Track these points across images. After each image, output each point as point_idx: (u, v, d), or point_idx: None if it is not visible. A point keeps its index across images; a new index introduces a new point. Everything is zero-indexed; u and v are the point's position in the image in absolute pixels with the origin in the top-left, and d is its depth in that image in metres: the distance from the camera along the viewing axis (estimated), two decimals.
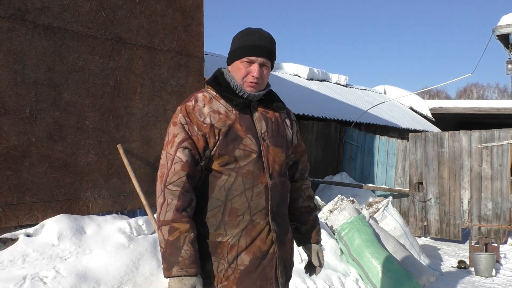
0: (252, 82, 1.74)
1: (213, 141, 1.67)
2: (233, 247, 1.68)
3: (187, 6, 4.45)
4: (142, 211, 3.95)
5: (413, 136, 7.78)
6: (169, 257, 1.57)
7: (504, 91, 51.17)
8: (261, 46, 1.74)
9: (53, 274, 2.82)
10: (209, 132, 1.67)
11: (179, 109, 1.72)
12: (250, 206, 1.69)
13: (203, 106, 1.71)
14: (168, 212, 1.60)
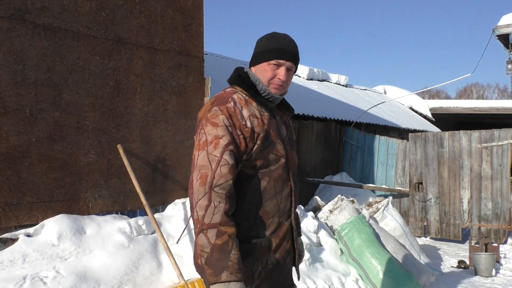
0: (278, 84, 1.76)
1: (252, 145, 1.68)
2: (265, 248, 1.73)
3: (187, 6, 4.45)
4: (142, 211, 3.95)
5: (413, 136, 7.78)
6: (216, 261, 1.53)
7: (504, 91, 51.17)
8: (290, 51, 1.77)
9: (53, 274, 2.82)
10: (249, 136, 1.67)
11: (219, 110, 1.67)
12: (279, 209, 1.76)
13: (242, 109, 1.71)
14: (216, 215, 1.55)
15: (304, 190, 7.69)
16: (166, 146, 4.23)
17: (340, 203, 4.83)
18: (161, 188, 4.15)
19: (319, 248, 4.26)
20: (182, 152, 4.36)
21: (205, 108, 1.73)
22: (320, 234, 4.40)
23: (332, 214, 4.70)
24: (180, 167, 4.34)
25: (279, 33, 1.83)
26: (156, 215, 3.79)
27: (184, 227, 3.66)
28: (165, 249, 3.17)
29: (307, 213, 4.55)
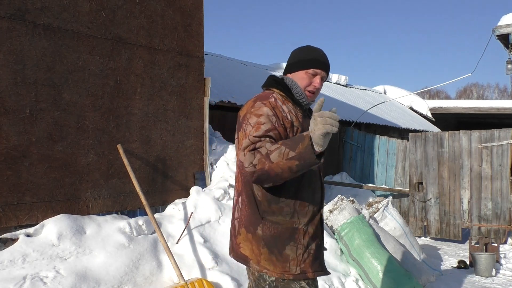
0: (312, 91, 1.98)
1: (291, 136, 1.84)
2: (306, 233, 1.90)
3: (187, 6, 4.45)
4: (142, 211, 3.95)
5: (413, 136, 7.78)
6: (291, 141, 1.67)
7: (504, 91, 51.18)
8: (325, 62, 2.02)
9: (53, 274, 2.82)
10: (290, 127, 1.85)
11: (262, 103, 1.85)
12: (313, 199, 1.94)
13: (282, 104, 1.90)
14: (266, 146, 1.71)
15: None
16: (166, 146, 4.23)
17: (340, 203, 4.82)
18: (161, 188, 4.15)
19: None
20: (182, 152, 4.36)
21: (247, 106, 1.90)
22: None
23: (332, 214, 4.70)
24: (180, 167, 4.34)
25: (314, 46, 2.08)
26: (156, 215, 3.79)
27: (184, 227, 3.66)
28: (165, 249, 3.17)
29: None
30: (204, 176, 4.54)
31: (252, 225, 1.88)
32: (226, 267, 3.47)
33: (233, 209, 2.03)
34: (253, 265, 1.86)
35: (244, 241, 1.90)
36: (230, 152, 4.70)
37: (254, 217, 1.88)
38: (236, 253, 1.93)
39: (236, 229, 1.95)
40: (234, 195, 2.03)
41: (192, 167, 4.46)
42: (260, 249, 1.86)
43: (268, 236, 1.85)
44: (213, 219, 3.89)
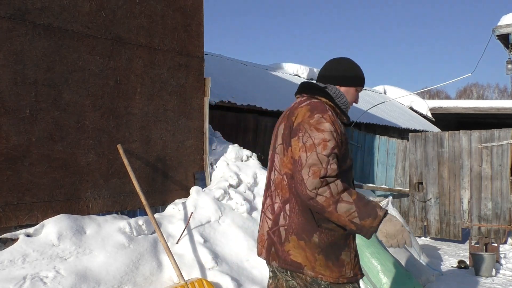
0: (352, 105, 2.18)
1: (343, 149, 1.93)
2: (354, 238, 2.00)
3: (187, 6, 4.45)
4: (142, 211, 3.95)
5: (413, 136, 7.78)
6: (365, 209, 1.81)
7: (504, 91, 51.17)
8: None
9: (53, 274, 2.82)
10: (343, 141, 1.94)
11: (323, 118, 1.90)
12: None
13: (336, 118, 1.98)
14: (339, 186, 1.80)
15: None
16: (166, 146, 4.23)
17: None
18: (161, 188, 4.15)
19: None
20: (182, 152, 4.37)
21: (303, 115, 1.92)
22: None
23: None
24: (180, 167, 4.34)
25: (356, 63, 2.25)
26: (156, 215, 3.79)
27: (184, 227, 3.66)
28: (165, 249, 3.17)
29: None
30: (204, 176, 4.54)
31: (306, 232, 1.91)
32: (226, 267, 3.47)
33: (273, 216, 2.02)
34: (308, 271, 1.90)
35: (295, 248, 1.92)
36: (230, 152, 4.70)
37: (309, 225, 1.91)
38: (285, 260, 1.94)
39: (283, 236, 1.96)
40: (274, 202, 2.02)
41: (192, 167, 4.46)
42: (316, 255, 1.90)
43: (326, 243, 1.91)
44: (213, 219, 3.89)
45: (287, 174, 1.95)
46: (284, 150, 1.98)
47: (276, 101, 7.49)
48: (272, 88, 8.44)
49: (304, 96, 2.09)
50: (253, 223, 4.04)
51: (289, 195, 1.96)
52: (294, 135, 1.90)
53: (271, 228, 2.02)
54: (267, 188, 2.10)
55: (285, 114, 2.07)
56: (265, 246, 2.05)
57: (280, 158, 2.00)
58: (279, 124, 2.09)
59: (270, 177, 2.08)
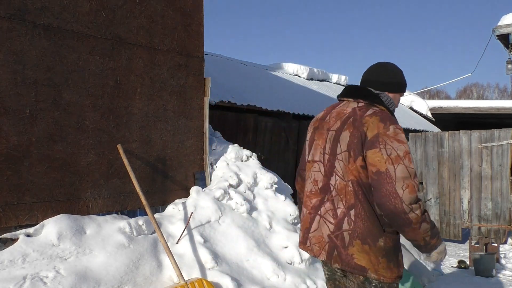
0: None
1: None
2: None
3: (187, 6, 4.45)
4: (142, 211, 3.95)
5: (413, 136, 7.78)
6: (435, 232, 2.01)
7: (504, 91, 51.18)
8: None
9: (53, 274, 2.82)
10: None
11: (398, 129, 2.00)
12: None
13: None
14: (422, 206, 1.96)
15: None
16: (166, 146, 4.23)
17: None
18: (161, 188, 4.15)
19: None
20: (182, 152, 4.37)
21: (377, 126, 1.99)
22: None
23: None
24: (180, 167, 4.34)
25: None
26: (156, 215, 3.79)
27: (184, 227, 3.66)
28: (165, 249, 3.17)
29: None
30: (204, 176, 4.54)
31: (371, 237, 2.01)
32: (226, 267, 3.47)
33: (335, 220, 2.08)
34: (371, 274, 2.01)
35: (359, 252, 2.01)
36: (230, 152, 4.70)
37: (375, 230, 2.01)
38: (349, 263, 2.03)
39: (346, 240, 2.04)
40: (337, 207, 2.08)
41: (192, 167, 4.46)
42: (379, 259, 2.01)
43: (390, 246, 2.03)
44: (213, 219, 3.89)
45: (353, 181, 2.02)
46: (349, 157, 2.03)
47: (276, 101, 7.49)
48: (272, 88, 8.44)
49: (361, 102, 2.13)
50: (253, 223, 4.04)
51: (354, 201, 2.03)
52: (372, 147, 1.96)
53: (333, 232, 2.08)
54: (325, 192, 2.13)
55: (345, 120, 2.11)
56: (325, 249, 2.11)
57: (345, 165, 2.05)
58: (337, 129, 2.12)
59: (329, 182, 2.12)
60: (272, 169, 5.03)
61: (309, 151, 2.28)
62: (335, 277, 2.25)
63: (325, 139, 2.16)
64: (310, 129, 2.34)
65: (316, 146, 2.22)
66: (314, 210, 2.17)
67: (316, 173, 2.19)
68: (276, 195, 4.44)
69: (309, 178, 2.24)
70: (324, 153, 2.16)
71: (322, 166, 2.16)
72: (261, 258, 3.70)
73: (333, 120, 2.17)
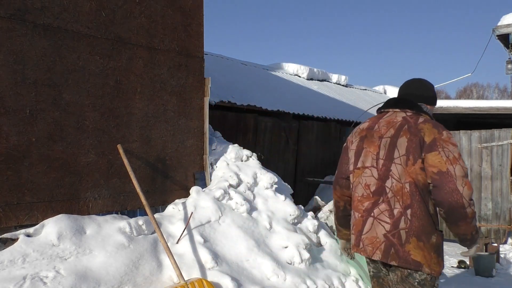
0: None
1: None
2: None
3: (187, 6, 4.45)
4: (142, 211, 3.95)
5: None
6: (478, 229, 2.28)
7: (504, 91, 51.16)
8: None
9: (53, 274, 2.82)
10: None
11: (450, 134, 2.27)
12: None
13: None
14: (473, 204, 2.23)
15: (304, 190, 7.69)
16: (166, 146, 4.23)
17: None
18: (161, 188, 4.15)
19: (319, 248, 4.26)
20: (182, 152, 4.37)
21: (433, 131, 2.24)
22: (320, 234, 4.40)
23: (332, 214, 4.70)
24: (180, 167, 4.34)
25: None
26: (156, 215, 3.79)
27: (184, 227, 3.66)
28: (165, 249, 3.17)
29: (307, 213, 4.55)
30: (204, 176, 4.54)
31: (425, 234, 2.20)
32: (226, 267, 3.47)
33: (392, 220, 2.25)
34: (425, 268, 2.20)
35: (414, 248, 2.19)
36: (230, 152, 4.70)
37: (429, 228, 2.22)
38: (406, 260, 2.20)
39: (403, 238, 2.21)
40: (394, 207, 2.25)
41: (192, 167, 4.46)
42: (432, 254, 2.21)
43: (439, 243, 2.25)
44: (213, 219, 3.89)
45: (411, 183, 2.21)
46: (408, 161, 2.22)
47: (276, 101, 7.49)
48: (272, 88, 8.44)
49: (408, 112, 2.37)
50: (253, 223, 4.04)
51: (410, 201, 2.21)
52: (431, 150, 2.19)
53: (389, 231, 2.24)
54: (379, 194, 2.29)
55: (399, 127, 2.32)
56: (381, 248, 2.25)
57: (403, 168, 2.24)
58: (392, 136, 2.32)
59: (384, 185, 2.28)
60: (272, 169, 5.03)
61: (356, 158, 2.44)
62: (379, 275, 2.43)
63: (378, 145, 2.35)
64: (354, 139, 2.50)
65: (367, 153, 2.38)
66: (367, 213, 2.32)
67: (369, 178, 2.34)
68: (276, 195, 4.44)
69: (359, 183, 2.39)
70: (377, 158, 2.33)
71: (376, 170, 2.32)
72: (261, 258, 3.70)
73: (384, 128, 2.37)
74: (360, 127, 2.52)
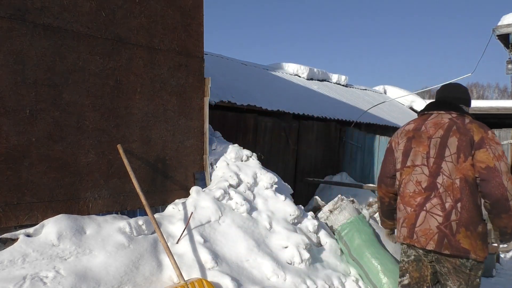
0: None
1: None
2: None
3: (187, 6, 4.45)
4: (142, 211, 3.95)
5: None
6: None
7: (504, 91, 51.17)
8: None
9: (53, 274, 2.82)
10: None
11: (493, 133, 2.52)
12: None
13: None
14: None
15: (304, 190, 7.69)
16: (166, 146, 4.23)
17: (340, 203, 4.82)
18: (161, 188, 4.15)
19: (319, 248, 4.26)
20: (182, 152, 4.37)
21: (480, 131, 2.51)
22: (320, 234, 4.40)
23: (332, 214, 4.70)
24: (180, 167, 4.34)
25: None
26: (156, 215, 3.79)
27: (184, 227, 3.66)
28: (165, 249, 3.17)
29: (307, 213, 4.55)
30: (204, 176, 4.54)
31: (473, 225, 2.46)
32: (226, 267, 3.47)
33: (444, 213, 2.51)
34: (472, 255, 2.45)
35: (464, 238, 2.46)
36: (230, 152, 4.70)
37: (477, 218, 2.48)
38: (458, 248, 2.46)
39: (454, 229, 2.47)
40: (445, 201, 2.51)
41: (192, 167, 4.46)
42: (478, 242, 2.47)
43: (484, 232, 2.50)
44: (213, 219, 3.89)
45: (461, 179, 2.47)
46: (459, 158, 2.49)
47: (276, 101, 7.49)
48: (272, 88, 8.44)
49: (453, 113, 2.63)
50: (253, 223, 4.04)
51: (460, 195, 2.48)
52: (480, 147, 2.46)
53: (442, 223, 2.50)
54: (431, 190, 2.55)
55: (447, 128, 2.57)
56: (434, 239, 2.51)
57: (453, 165, 2.50)
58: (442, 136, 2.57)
59: (435, 181, 2.54)
60: (272, 169, 5.03)
61: (405, 158, 2.70)
62: (420, 258, 2.67)
63: (427, 145, 2.60)
64: (401, 140, 2.76)
65: (416, 153, 2.63)
66: (419, 207, 2.58)
67: (419, 175, 2.60)
68: (276, 195, 4.44)
69: (410, 180, 2.65)
70: (428, 157, 2.58)
71: (427, 168, 2.58)
72: (261, 258, 3.70)
73: (432, 129, 2.62)
74: (405, 129, 2.77)
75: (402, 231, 2.69)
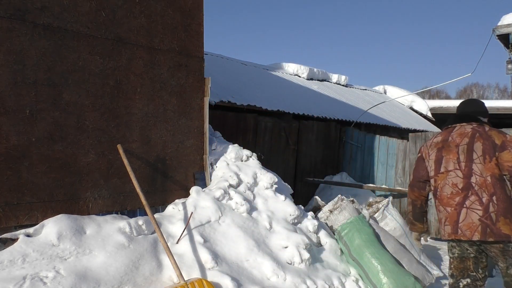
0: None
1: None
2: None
3: (187, 6, 4.45)
4: (142, 211, 3.95)
5: (413, 136, 7.77)
6: None
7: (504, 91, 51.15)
8: None
9: (53, 274, 2.82)
10: None
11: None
12: None
13: None
14: None
15: (304, 190, 7.69)
16: (166, 146, 4.23)
17: (340, 203, 4.82)
18: (161, 188, 4.15)
19: (319, 248, 4.26)
20: (182, 152, 4.37)
21: (501, 136, 2.99)
22: (320, 234, 4.40)
23: (332, 214, 4.70)
24: (180, 167, 4.34)
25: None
26: (156, 215, 3.79)
27: (184, 227, 3.66)
28: (165, 249, 3.17)
29: (307, 213, 4.55)
30: (204, 176, 4.54)
31: (510, 213, 2.87)
32: (226, 267, 3.47)
33: (483, 207, 2.91)
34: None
35: (503, 225, 2.86)
36: (230, 152, 4.70)
37: (511, 207, 2.89)
38: (500, 234, 2.86)
39: (494, 219, 2.87)
40: (482, 197, 2.92)
41: (192, 167, 4.46)
42: None
43: None
44: (213, 219, 3.89)
45: (491, 176, 2.91)
46: (485, 159, 2.94)
47: (276, 101, 7.49)
48: (272, 88, 8.44)
49: (474, 124, 3.10)
50: (253, 223, 4.04)
51: (493, 190, 2.90)
52: (503, 150, 2.92)
53: (482, 216, 2.90)
54: (467, 189, 2.97)
55: (471, 136, 3.03)
56: (478, 230, 2.90)
57: (482, 165, 2.94)
58: (468, 143, 3.01)
59: (470, 181, 2.97)
60: (272, 169, 5.03)
61: (437, 165, 3.14)
62: (463, 255, 3.08)
63: (456, 152, 3.04)
64: (431, 151, 3.21)
65: (448, 160, 3.08)
66: (459, 206, 2.98)
67: (454, 178, 3.03)
68: (276, 195, 4.44)
69: (446, 184, 3.07)
70: (459, 162, 3.02)
71: (460, 171, 3.01)
72: (261, 258, 3.70)
73: (458, 139, 3.08)
74: (434, 141, 3.22)
75: (446, 229, 3.07)
